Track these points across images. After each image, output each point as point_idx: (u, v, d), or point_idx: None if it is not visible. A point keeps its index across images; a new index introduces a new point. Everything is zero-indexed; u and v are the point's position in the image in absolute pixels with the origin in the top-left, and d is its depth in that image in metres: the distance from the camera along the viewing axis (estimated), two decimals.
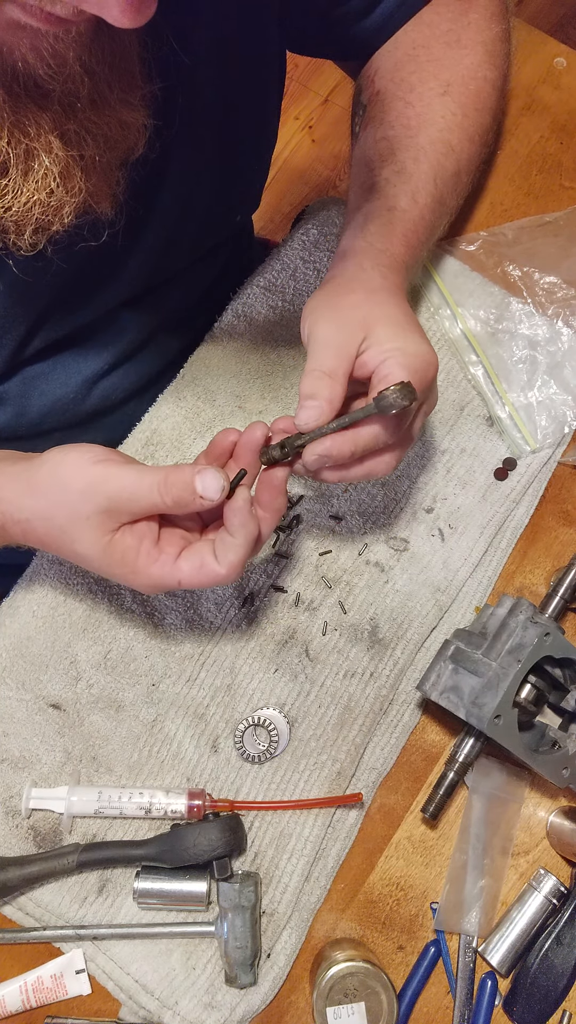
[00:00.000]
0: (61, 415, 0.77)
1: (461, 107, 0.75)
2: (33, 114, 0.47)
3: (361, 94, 0.80)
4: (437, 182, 0.73)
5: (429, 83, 0.75)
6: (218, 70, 0.66)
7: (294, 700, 0.74)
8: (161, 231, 0.71)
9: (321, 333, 0.61)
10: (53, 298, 0.68)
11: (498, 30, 0.79)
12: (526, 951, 0.69)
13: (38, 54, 0.43)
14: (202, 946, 0.69)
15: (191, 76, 0.63)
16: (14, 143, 0.47)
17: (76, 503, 0.57)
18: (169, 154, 0.62)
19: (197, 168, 0.70)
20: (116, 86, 0.50)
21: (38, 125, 0.47)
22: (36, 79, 0.45)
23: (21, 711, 0.73)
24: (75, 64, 0.45)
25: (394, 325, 0.61)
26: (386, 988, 0.65)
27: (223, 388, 0.81)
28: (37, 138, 0.48)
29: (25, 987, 0.67)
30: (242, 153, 0.76)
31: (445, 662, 0.69)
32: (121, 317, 0.77)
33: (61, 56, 0.44)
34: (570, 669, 0.70)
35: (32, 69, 0.44)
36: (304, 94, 2.06)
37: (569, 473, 0.81)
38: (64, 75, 0.45)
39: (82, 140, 0.50)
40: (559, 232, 0.86)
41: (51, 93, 0.46)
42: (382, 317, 0.61)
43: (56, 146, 0.48)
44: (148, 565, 0.58)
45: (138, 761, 0.72)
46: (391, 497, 0.79)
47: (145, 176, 0.60)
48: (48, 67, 0.44)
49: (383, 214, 0.70)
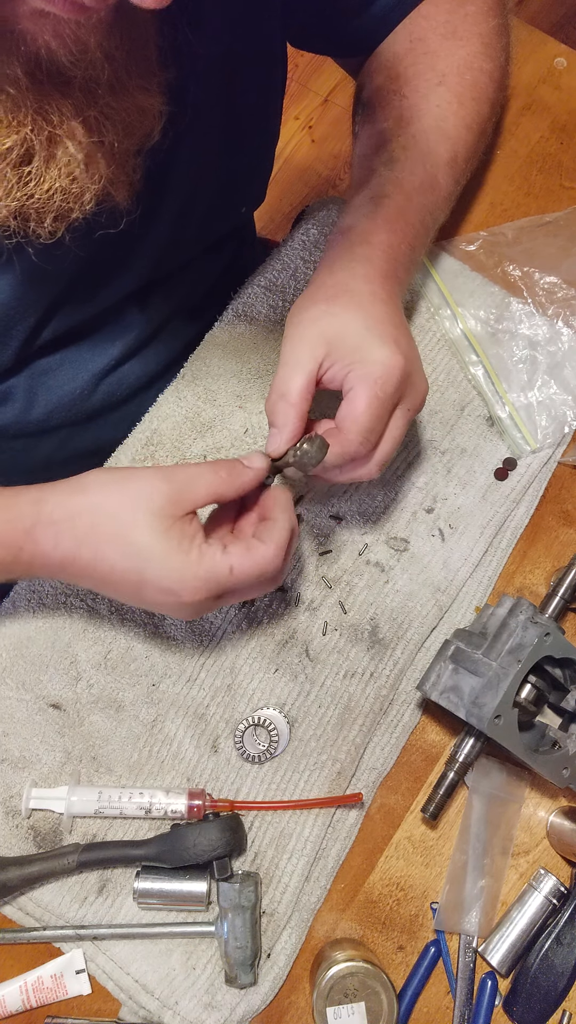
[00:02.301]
0: (67, 411, 0.77)
1: (457, 96, 0.75)
2: (56, 101, 0.47)
3: (362, 92, 0.80)
4: (427, 166, 0.72)
5: (425, 75, 0.75)
6: (225, 56, 0.66)
7: (294, 700, 0.74)
8: (172, 218, 0.71)
9: (285, 351, 0.62)
10: (65, 286, 0.67)
11: (495, 23, 0.79)
12: (526, 951, 0.69)
13: (61, 41, 0.44)
14: (202, 946, 0.69)
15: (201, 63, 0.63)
16: (37, 130, 0.47)
17: (139, 490, 0.57)
18: (180, 141, 0.62)
19: (207, 154, 0.70)
20: (134, 72, 0.50)
21: (60, 112, 0.47)
22: (59, 66, 0.45)
23: (21, 711, 0.73)
24: (96, 50, 0.46)
25: (352, 335, 0.61)
26: (386, 988, 0.65)
27: (223, 388, 0.81)
28: (60, 125, 0.48)
29: (25, 987, 0.67)
30: (247, 141, 0.76)
31: (445, 662, 0.69)
32: (128, 311, 0.77)
33: (83, 42, 0.44)
34: (570, 669, 0.70)
35: (55, 56, 0.44)
36: (304, 94, 2.06)
37: (569, 473, 0.81)
38: (86, 61, 0.46)
39: (103, 126, 0.50)
40: (559, 232, 0.86)
41: (73, 80, 0.46)
42: (340, 329, 0.61)
43: (79, 132, 0.49)
44: (201, 555, 0.57)
45: (138, 761, 0.72)
46: (391, 497, 0.79)
47: (158, 163, 0.60)
48: (71, 53, 0.44)
49: (365, 203, 0.69)
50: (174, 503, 0.57)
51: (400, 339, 0.62)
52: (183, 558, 0.56)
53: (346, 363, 0.61)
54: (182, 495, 0.57)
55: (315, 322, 0.61)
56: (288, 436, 0.61)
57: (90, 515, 0.57)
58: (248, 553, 0.58)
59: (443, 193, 0.75)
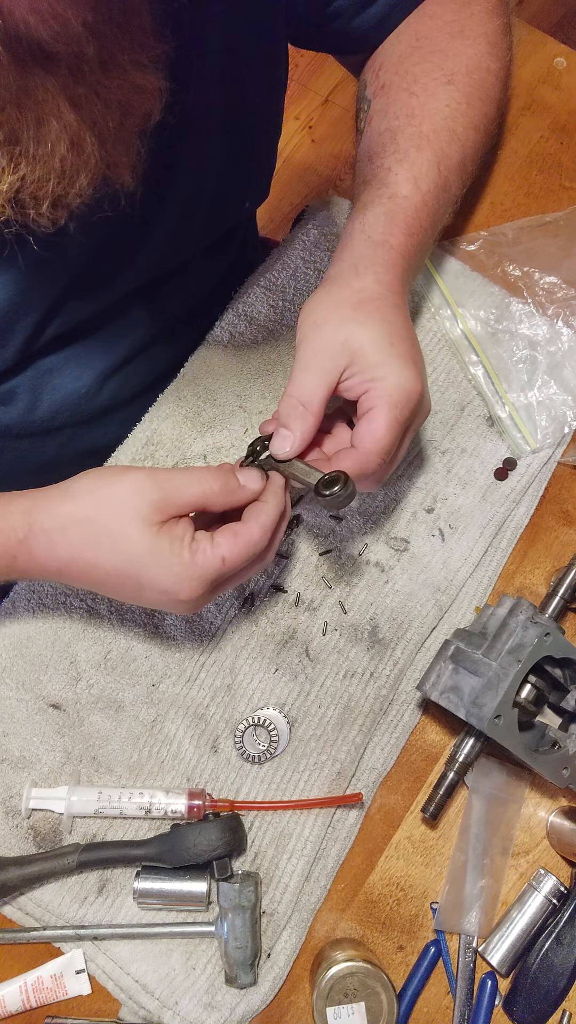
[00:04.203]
0: (73, 410, 0.77)
1: (466, 96, 0.75)
2: (40, 78, 0.46)
3: (365, 89, 0.80)
4: (441, 168, 0.72)
5: (433, 73, 0.75)
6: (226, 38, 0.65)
7: (294, 700, 0.74)
8: (176, 209, 0.71)
9: (305, 354, 0.61)
10: (71, 280, 0.67)
11: (499, 23, 0.79)
12: (526, 951, 0.69)
13: (39, 16, 0.42)
14: (202, 946, 0.69)
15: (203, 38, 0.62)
16: (24, 109, 0.46)
17: (126, 497, 0.57)
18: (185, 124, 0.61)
19: (211, 143, 0.70)
20: (126, 47, 0.48)
21: (46, 90, 0.46)
22: (40, 42, 0.44)
23: (21, 711, 0.73)
24: (78, 25, 0.44)
25: (378, 351, 0.61)
26: (386, 988, 0.65)
27: (224, 387, 0.81)
28: (46, 103, 0.47)
29: (25, 987, 0.67)
30: (250, 132, 0.75)
31: (445, 662, 0.69)
32: (134, 310, 0.77)
33: (61, 17, 0.43)
34: (570, 669, 0.70)
35: (34, 32, 0.43)
36: (304, 94, 2.06)
37: (569, 473, 0.81)
38: (67, 36, 0.44)
39: (93, 105, 0.49)
40: (559, 232, 0.86)
41: (57, 56, 0.45)
42: (367, 341, 0.61)
43: (66, 111, 0.48)
44: (193, 554, 0.58)
45: (138, 761, 0.72)
46: (391, 497, 0.79)
47: (163, 145, 0.59)
48: (50, 29, 0.43)
49: (384, 202, 0.69)
50: (161, 509, 0.57)
51: (418, 359, 0.63)
52: (176, 560, 0.57)
53: (367, 378, 0.61)
54: (169, 501, 0.58)
55: (339, 328, 0.61)
56: (300, 443, 0.62)
57: (80, 525, 0.58)
58: (236, 539, 0.59)
59: (452, 196, 0.75)
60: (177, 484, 0.58)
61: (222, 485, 0.59)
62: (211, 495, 0.59)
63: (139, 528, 0.57)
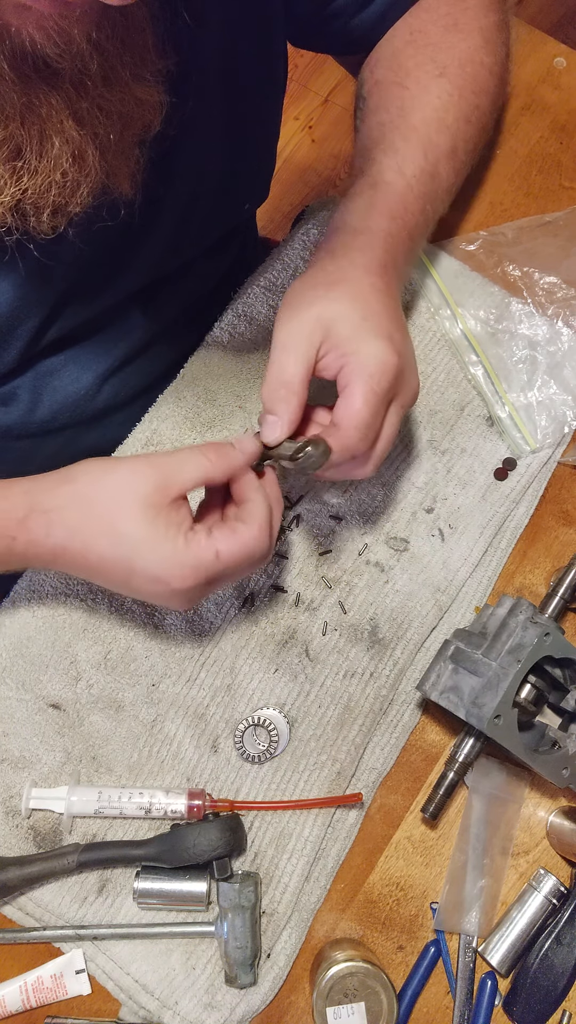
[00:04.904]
0: (72, 411, 0.77)
1: (458, 88, 0.75)
2: (44, 94, 0.46)
3: (363, 87, 0.80)
4: (427, 155, 0.72)
5: (425, 66, 0.75)
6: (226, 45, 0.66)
7: (294, 700, 0.74)
8: (175, 212, 0.71)
9: (280, 335, 0.61)
10: (71, 284, 0.67)
11: (495, 18, 0.79)
12: (526, 951, 0.69)
13: (45, 33, 0.43)
14: (202, 946, 0.69)
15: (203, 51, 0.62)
16: (27, 125, 0.47)
17: (126, 479, 0.57)
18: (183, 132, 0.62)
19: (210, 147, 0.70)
20: (128, 62, 0.49)
21: (50, 105, 0.47)
22: (45, 59, 0.45)
23: (21, 711, 0.73)
24: (83, 41, 0.45)
25: (348, 324, 0.60)
26: (386, 988, 0.65)
27: (223, 388, 0.81)
28: (49, 119, 0.47)
29: (25, 987, 0.67)
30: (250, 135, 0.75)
31: (445, 662, 0.69)
32: (133, 312, 0.77)
33: (67, 34, 0.44)
34: (570, 669, 0.70)
35: (40, 49, 0.44)
36: (304, 94, 2.06)
37: (569, 473, 0.81)
38: (72, 53, 0.45)
39: (95, 118, 0.49)
40: (559, 232, 0.86)
41: (61, 72, 0.46)
42: (339, 316, 0.60)
43: (69, 126, 0.48)
44: (187, 541, 0.57)
45: (138, 761, 0.72)
46: (391, 497, 0.79)
47: (161, 154, 0.60)
48: (56, 46, 0.44)
49: (365, 191, 0.69)
50: (161, 490, 0.57)
51: (395, 334, 0.62)
52: (170, 546, 0.57)
53: (341, 353, 0.60)
54: (169, 481, 0.57)
55: (312, 306, 0.61)
56: (287, 425, 0.61)
57: (79, 505, 0.58)
58: (233, 536, 0.58)
59: (443, 184, 0.74)
60: (176, 461, 0.58)
61: (217, 453, 0.58)
62: (210, 466, 0.58)
63: (137, 509, 0.56)
